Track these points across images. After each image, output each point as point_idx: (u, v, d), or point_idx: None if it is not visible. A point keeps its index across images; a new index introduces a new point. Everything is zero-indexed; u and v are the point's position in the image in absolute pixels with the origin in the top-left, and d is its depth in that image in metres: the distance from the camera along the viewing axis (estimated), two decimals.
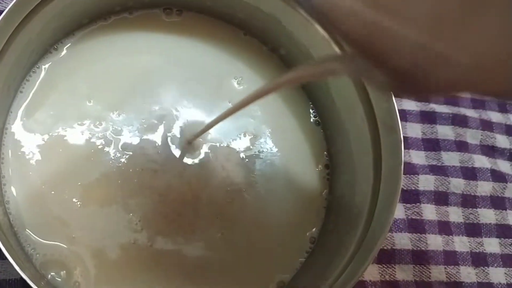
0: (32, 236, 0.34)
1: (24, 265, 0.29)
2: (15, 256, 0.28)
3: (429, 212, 0.43)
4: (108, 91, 0.38)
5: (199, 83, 0.40)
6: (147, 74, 0.39)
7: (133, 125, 0.37)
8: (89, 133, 0.36)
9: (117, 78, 0.39)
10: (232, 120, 0.39)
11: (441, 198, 0.44)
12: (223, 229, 0.37)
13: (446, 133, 0.46)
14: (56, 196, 0.35)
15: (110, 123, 0.37)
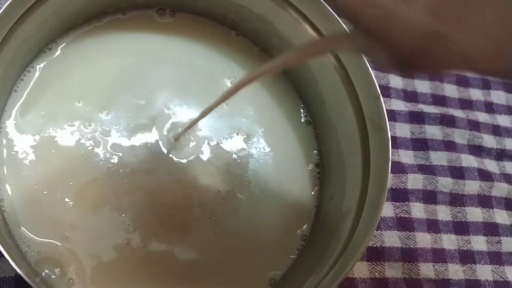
0: (27, 233, 0.34)
1: (19, 262, 0.29)
2: (11, 253, 0.28)
3: (418, 210, 0.44)
4: (99, 92, 0.38)
5: (192, 82, 0.40)
6: (139, 74, 0.39)
7: (123, 125, 0.37)
8: (79, 134, 0.36)
9: (109, 78, 0.39)
10: (225, 119, 0.40)
11: (429, 196, 0.45)
12: (216, 229, 0.37)
13: (434, 133, 0.47)
14: (48, 196, 0.35)
15: (99, 124, 0.37)
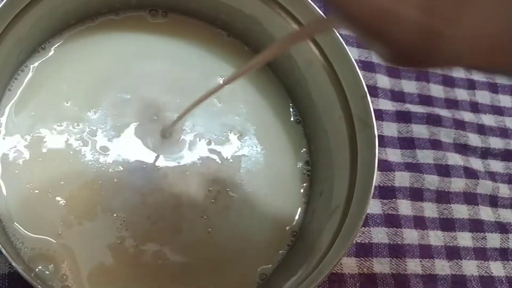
0: (20, 230, 0.34)
1: (16, 258, 0.29)
2: (7, 249, 0.28)
3: (405, 207, 0.44)
4: (87, 91, 0.38)
5: (184, 82, 0.40)
6: (130, 72, 0.39)
7: (111, 125, 0.37)
8: (68, 135, 0.37)
9: (99, 78, 0.39)
10: (217, 117, 0.40)
11: (416, 194, 0.45)
12: (209, 227, 0.37)
13: (421, 132, 0.47)
14: (40, 195, 0.35)
15: (87, 123, 0.37)
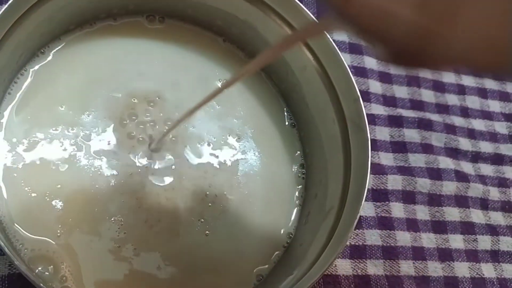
0: (20, 231, 0.34)
1: (17, 258, 0.29)
2: (11, 250, 0.29)
3: (398, 210, 0.45)
4: (84, 96, 0.38)
5: (182, 86, 0.41)
6: (127, 78, 0.40)
7: (106, 128, 0.38)
8: (63, 139, 0.37)
9: (97, 82, 0.39)
10: (216, 119, 0.41)
11: (408, 197, 0.45)
12: (207, 230, 0.38)
13: (412, 136, 0.48)
14: (37, 198, 0.35)
15: (81, 128, 0.37)
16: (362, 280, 0.42)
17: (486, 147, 0.51)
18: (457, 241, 0.46)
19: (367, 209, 0.44)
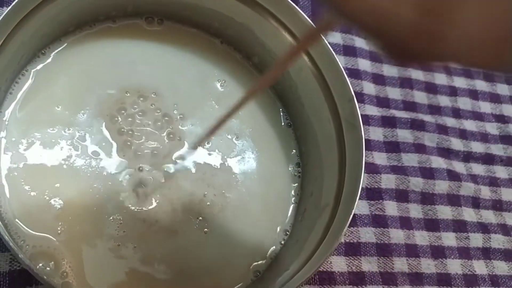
0: (22, 228, 0.34)
1: (20, 253, 0.30)
2: (15, 246, 0.29)
3: (391, 208, 0.45)
4: (81, 96, 0.39)
5: (179, 87, 0.41)
6: (125, 78, 0.40)
7: (103, 129, 0.38)
8: (59, 139, 0.37)
9: (95, 83, 0.39)
10: (214, 119, 0.41)
11: (402, 195, 0.46)
12: (205, 228, 0.38)
13: (405, 136, 0.49)
14: (37, 197, 0.35)
15: (77, 128, 0.37)
16: (356, 276, 0.42)
17: (477, 147, 0.52)
18: (449, 239, 0.47)
19: (362, 208, 0.45)
